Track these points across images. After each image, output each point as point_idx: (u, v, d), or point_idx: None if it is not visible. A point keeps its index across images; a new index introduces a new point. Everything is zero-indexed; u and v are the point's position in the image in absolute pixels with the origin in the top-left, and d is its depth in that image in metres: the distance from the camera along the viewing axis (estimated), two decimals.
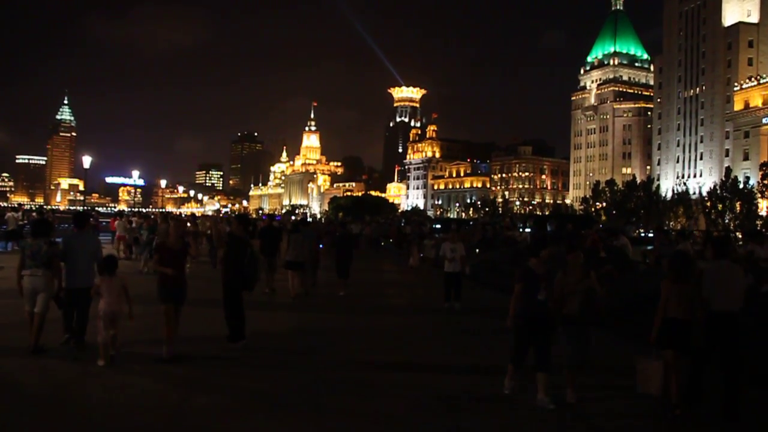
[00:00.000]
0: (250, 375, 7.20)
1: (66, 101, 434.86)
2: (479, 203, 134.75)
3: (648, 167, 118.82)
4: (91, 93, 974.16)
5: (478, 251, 22.10)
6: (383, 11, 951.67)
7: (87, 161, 41.41)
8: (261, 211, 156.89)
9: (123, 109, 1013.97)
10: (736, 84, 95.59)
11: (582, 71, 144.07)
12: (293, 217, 28.05)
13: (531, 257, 6.57)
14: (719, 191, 77.11)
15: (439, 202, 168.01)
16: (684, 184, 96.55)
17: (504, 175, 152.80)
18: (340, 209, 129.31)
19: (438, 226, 45.11)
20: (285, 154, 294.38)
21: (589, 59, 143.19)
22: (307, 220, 21.71)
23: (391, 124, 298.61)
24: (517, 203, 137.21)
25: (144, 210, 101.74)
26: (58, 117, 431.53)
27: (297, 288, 13.27)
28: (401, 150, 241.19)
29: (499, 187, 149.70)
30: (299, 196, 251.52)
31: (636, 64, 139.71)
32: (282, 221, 25.88)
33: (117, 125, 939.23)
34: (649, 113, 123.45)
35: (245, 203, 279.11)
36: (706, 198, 79.36)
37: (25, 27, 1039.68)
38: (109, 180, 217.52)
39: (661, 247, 13.52)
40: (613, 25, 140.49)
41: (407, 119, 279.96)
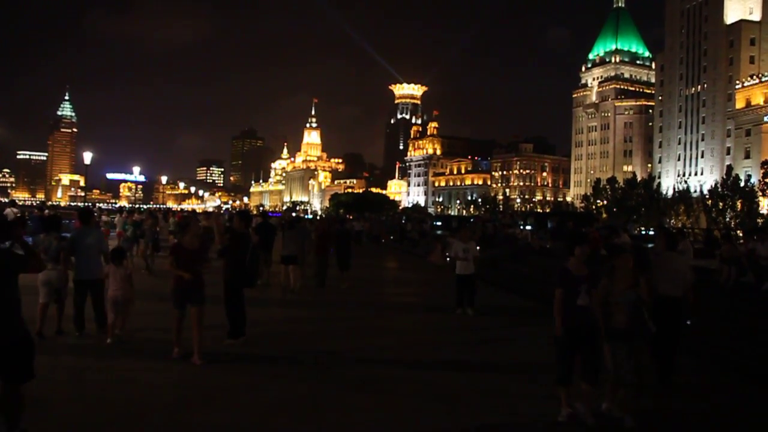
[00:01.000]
0: (250, 371, 7.21)
1: (67, 97, 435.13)
2: (480, 200, 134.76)
3: (649, 165, 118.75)
4: (93, 89, 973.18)
5: (478, 249, 22.09)
6: (383, 7, 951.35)
7: (88, 157, 41.49)
8: (261, 208, 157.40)
9: (124, 105, 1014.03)
10: (737, 82, 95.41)
11: (583, 68, 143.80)
12: (293, 214, 28.32)
13: (569, 256, 5.89)
14: (720, 189, 76.92)
15: (440, 199, 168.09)
16: (685, 182, 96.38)
17: (505, 173, 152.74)
18: (340, 206, 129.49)
19: (438, 223, 45.70)
20: (286, 150, 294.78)
21: (591, 56, 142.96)
22: (300, 216, 22.54)
23: (392, 120, 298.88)
24: (518, 200, 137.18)
25: (144, 206, 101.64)
26: (59, 113, 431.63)
27: (297, 280, 13.89)
28: (402, 147, 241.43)
29: (500, 185, 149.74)
30: (300, 192, 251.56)
31: (637, 61, 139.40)
32: (282, 217, 25.95)
33: (118, 121, 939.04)
34: (651, 111, 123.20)
35: (246, 200, 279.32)
36: (707, 196, 79.17)
37: (27, 22, 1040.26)
38: (110, 176, 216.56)
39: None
40: (615, 23, 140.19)
41: (408, 116, 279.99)
